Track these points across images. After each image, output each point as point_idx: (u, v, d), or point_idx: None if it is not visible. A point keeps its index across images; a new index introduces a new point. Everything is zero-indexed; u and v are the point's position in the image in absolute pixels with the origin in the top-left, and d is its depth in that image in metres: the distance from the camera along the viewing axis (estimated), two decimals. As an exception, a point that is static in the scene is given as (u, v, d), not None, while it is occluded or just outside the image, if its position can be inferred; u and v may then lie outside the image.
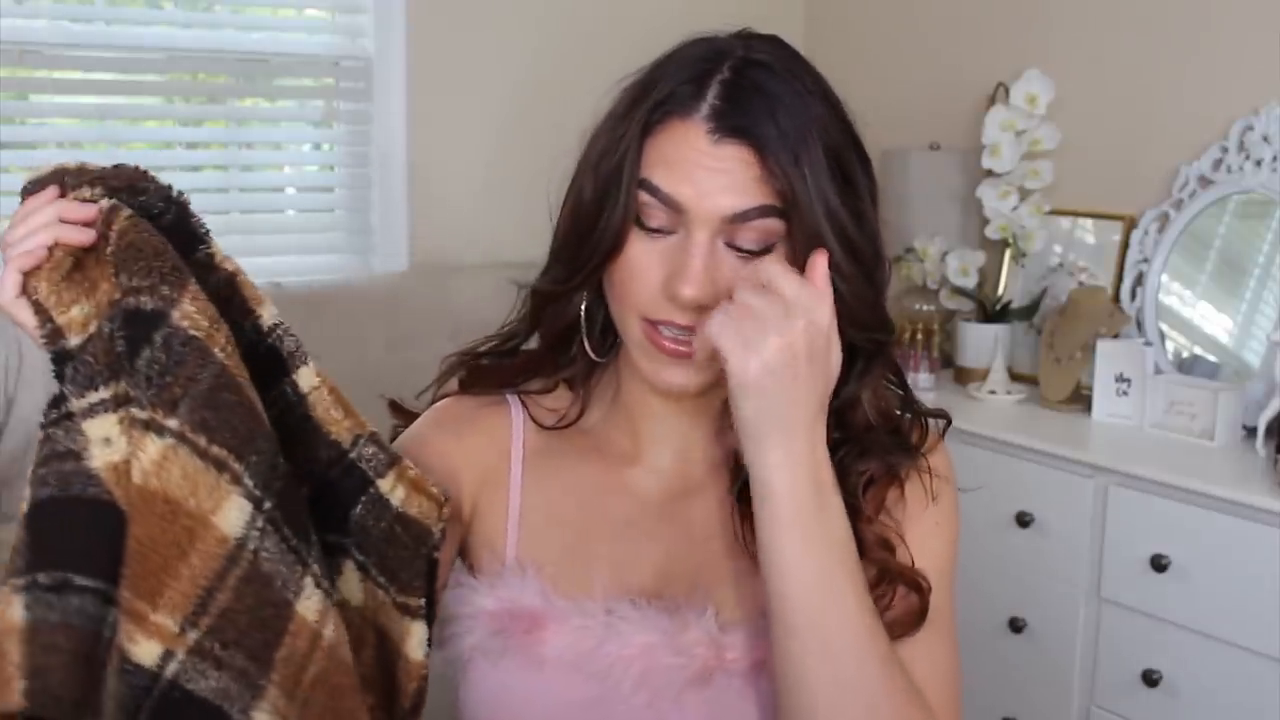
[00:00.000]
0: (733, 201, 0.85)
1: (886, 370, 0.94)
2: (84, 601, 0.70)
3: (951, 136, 2.68)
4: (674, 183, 0.86)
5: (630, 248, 0.88)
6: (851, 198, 0.88)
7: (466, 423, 1.01)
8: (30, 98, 2.41)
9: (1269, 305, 2.20)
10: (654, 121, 0.87)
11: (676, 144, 0.86)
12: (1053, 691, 2.12)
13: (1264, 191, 2.18)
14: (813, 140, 0.86)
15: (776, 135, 0.85)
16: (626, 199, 0.87)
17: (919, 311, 2.66)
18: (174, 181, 0.81)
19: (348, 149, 2.68)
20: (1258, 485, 1.87)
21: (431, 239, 2.69)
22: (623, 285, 0.89)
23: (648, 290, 0.88)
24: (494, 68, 2.73)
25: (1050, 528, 2.11)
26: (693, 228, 0.86)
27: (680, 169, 0.86)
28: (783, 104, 0.86)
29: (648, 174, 0.87)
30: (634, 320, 0.90)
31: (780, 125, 0.85)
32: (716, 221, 0.85)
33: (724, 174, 0.85)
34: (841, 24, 3.03)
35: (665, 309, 0.87)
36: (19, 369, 2.15)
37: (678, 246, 0.87)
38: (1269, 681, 1.82)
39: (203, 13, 2.52)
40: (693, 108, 0.86)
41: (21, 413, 2.17)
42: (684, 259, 0.85)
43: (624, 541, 0.97)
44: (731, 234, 0.86)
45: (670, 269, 0.86)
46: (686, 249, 0.86)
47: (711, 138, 0.85)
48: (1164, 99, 2.37)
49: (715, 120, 0.86)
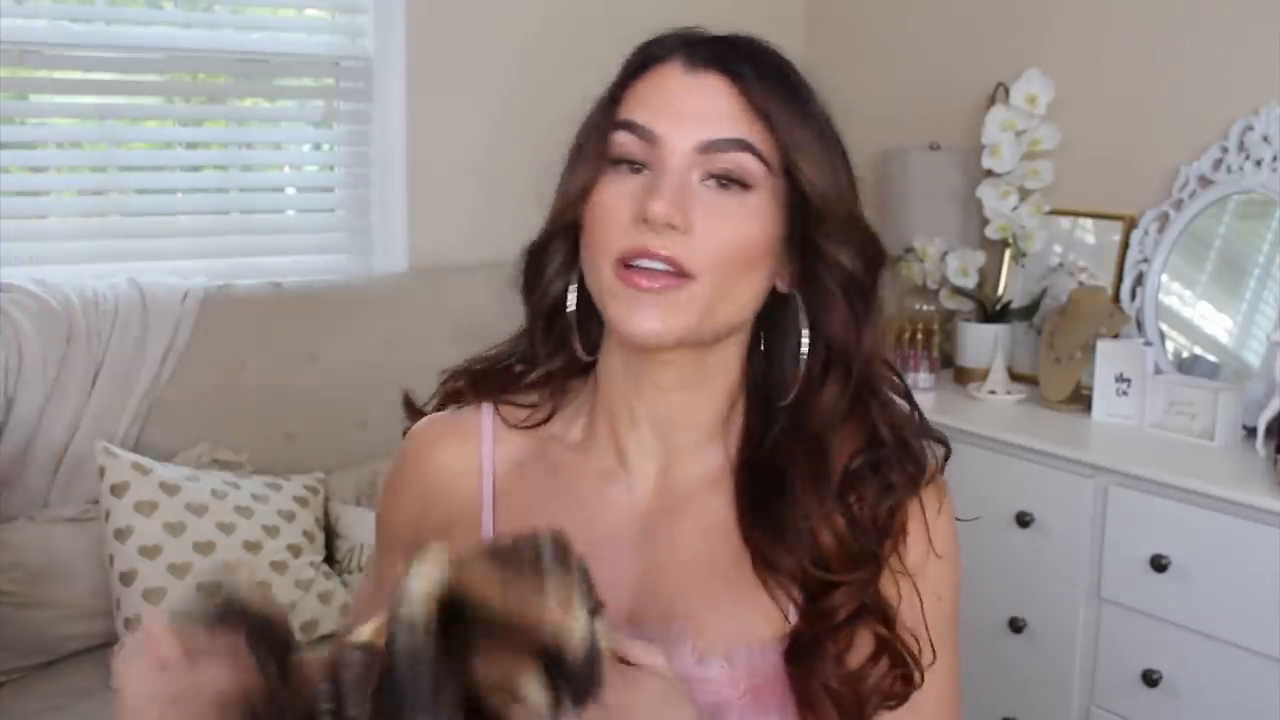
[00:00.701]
0: (707, 131, 0.85)
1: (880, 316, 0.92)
2: None
3: (951, 136, 2.68)
4: (649, 116, 0.86)
5: (602, 189, 0.87)
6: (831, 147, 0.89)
7: (429, 463, 0.99)
8: (30, 98, 2.40)
9: (1269, 305, 2.20)
10: (637, 68, 0.89)
11: (652, 83, 0.88)
12: (1053, 691, 2.12)
13: (1264, 191, 2.18)
14: (790, 83, 0.88)
15: (754, 73, 0.87)
16: (598, 144, 0.88)
17: (919, 311, 2.66)
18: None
19: (348, 149, 2.68)
20: (1258, 485, 1.87)
21: (431, 239, 2.69)
22: (594, 227, 0.88)
23: (619, 224, 0.86)
24: (494, 68, 2.73)
25: (1050, 528, 2.11)
26: (667, 157, 0.85)
27: (656, 102, 0.87)
28: (757, 54, 0.89)
29: (626, 114, 0.88)
30: (606, 267, 0.86)
31: (758, 67, 0.87)
32: (690, 150, 0.85)
33: (698, 103, 0.86)
34: (841, 24, 3.03)
35: (635, 236, 0.85)
36: (19, 369, 2.16)
37: (651, 179, 0.86)
38: (1269, 681, 1.82)
39: (203, 13, 2.52)
40: (672, 52, 0.89)
41: (21, 413, 2.18)
42: (656, 184, 0.85)
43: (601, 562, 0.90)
44: (709, 166, 0.86)
45: (640, 200, 0.85)
46: (659, 177, 0.85)
47: (687, 69, 0.87)
48: (1164, 99, 2.37)
49: (690, 55, 0.88)
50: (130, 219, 2.47)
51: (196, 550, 2.03)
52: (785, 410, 0.92)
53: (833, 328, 0.90)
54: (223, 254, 2.52)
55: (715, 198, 0.85)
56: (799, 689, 0.87)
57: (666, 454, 0.94)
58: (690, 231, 0.84)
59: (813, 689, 0.87)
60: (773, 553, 0.89)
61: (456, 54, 2.69)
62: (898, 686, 0.90)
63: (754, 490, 0.92)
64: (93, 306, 2.22)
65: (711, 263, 0.85)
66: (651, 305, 0.85)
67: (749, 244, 0.86)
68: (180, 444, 2.24)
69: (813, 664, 0.87)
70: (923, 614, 0.91)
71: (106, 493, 2.04)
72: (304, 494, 2.21)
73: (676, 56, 0.88)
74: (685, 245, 0.84)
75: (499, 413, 0.98)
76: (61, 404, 2.16)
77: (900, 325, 2.54)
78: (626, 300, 0.85)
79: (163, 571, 2.00)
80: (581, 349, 0.95)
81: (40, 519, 2.11)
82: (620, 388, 0.93)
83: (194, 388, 2.28)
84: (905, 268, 2.61)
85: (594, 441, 0.96)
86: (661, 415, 0.93)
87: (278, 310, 2.41)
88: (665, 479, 0.94)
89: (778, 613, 0.89)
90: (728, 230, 0.85)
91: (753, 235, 0.86)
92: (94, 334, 2.20)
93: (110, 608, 2.02)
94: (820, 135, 0.88)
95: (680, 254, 0.84)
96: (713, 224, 0.84)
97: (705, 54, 0.87)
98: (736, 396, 0.94)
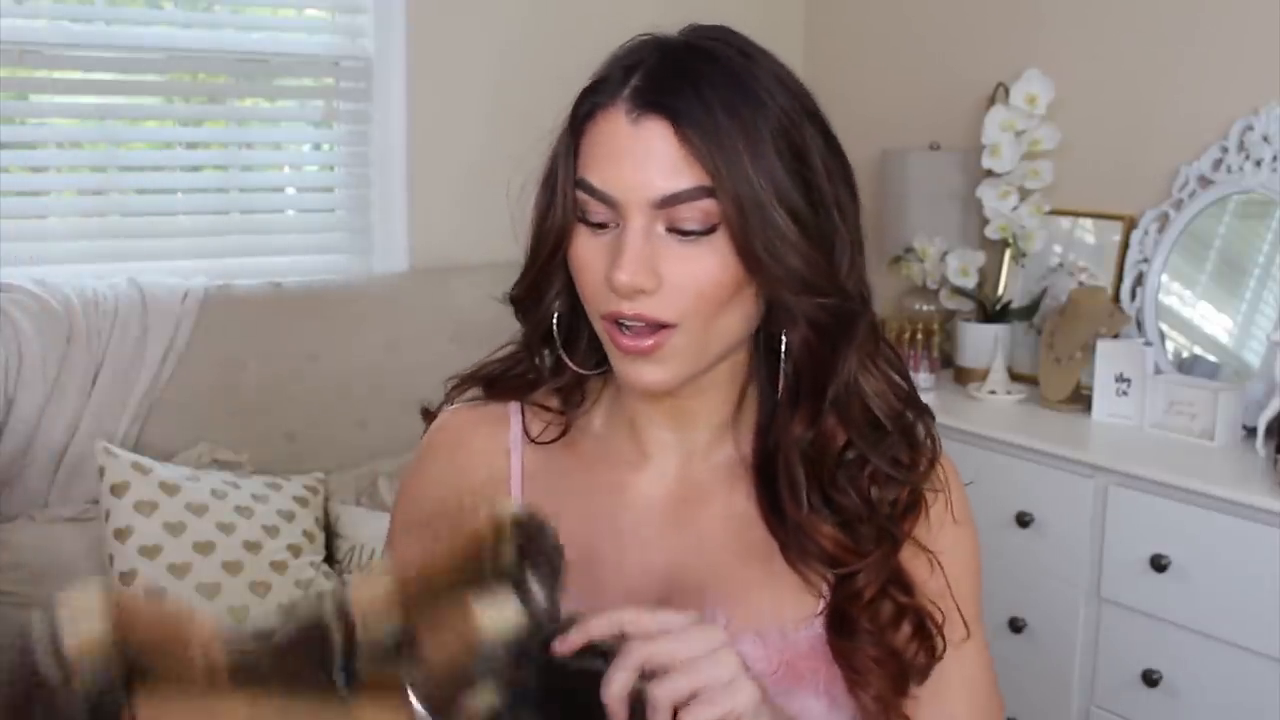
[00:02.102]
0: (661, 184, 0.83)
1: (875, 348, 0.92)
2: None
3: (951, 136, 2.68)
4: (603, 176, 0.84)
5: (577, 246, 0.87)
6: (797, 160, 0.85)
7: (460, 444, 1.00)
8: (30, 98, 2.40)
9: (1269, 305, 2.19)
10: (583, 115, 0.87)
11: (602, 135, 0.85)
12: (1053, 691, 2.12)
13: (1264, 191, 2.18)
14: (746, 111, 0.83)
15: (699, 108, 0.82)
16: (565, 200, 0.87)
17: (919, 311, 2.66)
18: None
19: (348, 149, 2.68)
20: (1258, 485, 1.87)
21: (431, 239, 2.69)
22: (579, 285, 0.88)
23: (594, 285, 0.86)
24: (494, 68, 2.73)
25: (1050, 528, 2.11)
26: (627, 216, 0.84)
27: (606, 160, 0.85)
28: (708, 80, 0.84)
29: (583, 173, 0.86)
30: (597, 320, 0.88)
31: (704, 98, 0.83)
32: (647, 207, 0.83)
33: (646, 155, 0.83)
34: (841, 24, 3.03)
35: (610, 300, 0.85)
36: (19, 369, 2.16)
37: (616, 238, 0.85)
38: (1269, 681, 1.82)
39: (203, 13, 2.52)
40: (616, 94, 0.85)
41: (21, 413, 2.18)
42: (619, 247, 0.84)
43: (630, 550, 0.95)
44: (670, 219, 0.84)
45: (607, 262, 0.85)
46: (621, 237, 0.84)
47: (630, 118, 0.84)
48: (1164, 99, 2.37)
49: (633, 100, 0.84)
50: (130, 219, 2.47)
51: (196, 550, 2.03)
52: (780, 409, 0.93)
53: (797, 351, 0.90)
54: (223, 254, 2.52)
55: (681, 247, 0.84)
56: (844, 660, 0.90)
57: (686, 449, 0.96)
58: (660, 287, 0.84)
59: (859, 659, 0.89)
60: (796, 544, 0.91)
61: (456, 54, 2.69)
62: (921, 657, 0.91)
63: (766, 486, 0.93)
64: (93, 306, 2.22)
65: (687, 311, 0.84)
66: (644, 362, 0.86)
67: (720, 284, 0.85)
68: (180, 444, 2.24)
69: (854, 635, 0.90)
70: (947, 585, 0.93)
71: (106, 493, 2.04)
72: (304, 494, 2.21)
73: (618, 103, 0.85)
74: (657, 302, 0.84)
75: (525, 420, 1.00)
76: (61, 404, 2.16)
77: (900, 325, 2.54)
78: (621, 358, 0.88)
79: (163, 571, 1.99)
80: (583, 365, 0.96)
81: (40, 519, 2.11)
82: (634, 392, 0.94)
83: (194, 388, 2.28)
84: (905, 268, 2.61)
85: (616, 434, 0.98)
86: (677, 416, 0.95)
87: (278, 310, 2.41)
88: (685, 471, 0.96)
89: (809, 590, 0.92)
90: (698, 276, 0.84)
91: (724, 274, 0.85)
92: (94, 334, 2.20)
93: (110, 607, 2.02)
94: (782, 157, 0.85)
95: (654, 311, 0.84)
96: (682, 273, 0.84)
97: (646, 97, 0.84)
98: (747, 390, 0.96)
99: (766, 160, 0.83)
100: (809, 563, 0.91)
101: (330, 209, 2.72)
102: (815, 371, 0.90)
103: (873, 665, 0.89)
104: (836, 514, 0.90)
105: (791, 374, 0.91)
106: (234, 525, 2.07)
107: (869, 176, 2.79)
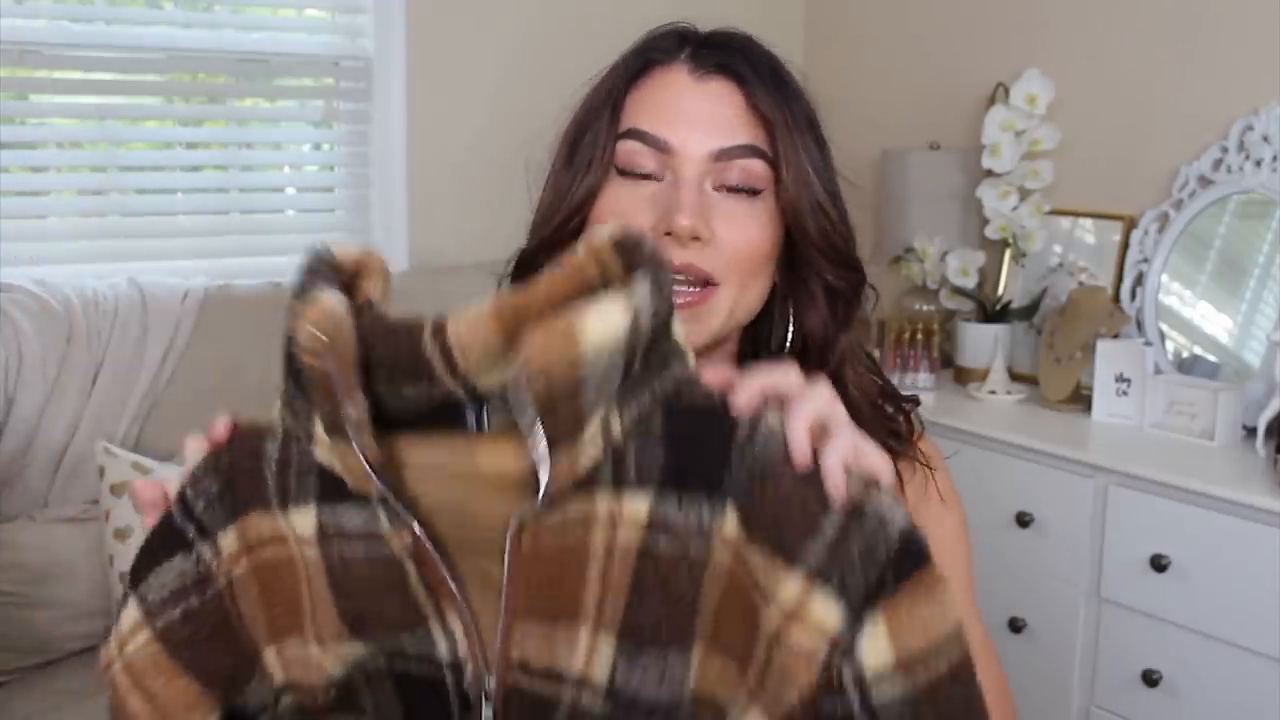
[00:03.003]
0: (720, 139, 0.87)
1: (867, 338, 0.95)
2: None
3: (951, 136, 2.68)
4: (661, 125, 0.87)
5: (612, 194, 0.88)
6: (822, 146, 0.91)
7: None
8: (30, 98, 2.40)
9: (1269, 305, 2.20)
10: (637, 71, 0.90)
11: (661, 88, 0.89)
12: (1053, 691, 2.12)
13: (1264, 191, 2.18)
14: (790, 93, 0.89)
15: (754, 74, 0.88)
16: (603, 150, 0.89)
17: (919, 311, 2.66)
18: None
19: (348, 149, 2.68)
20: (1258, 485, 1.87)
21: (431, 239, 2.69)
22: None
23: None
24: (494, 68, 2.73)
25: (1050, 528, 2.11)
26: (682, 167, 0.87)
27: (667, 110, 0.88)
28: (758, 59, 0.90)
29: (634, 122, 0.88)
30: None
31: (759, 71, 0.89)
32: (704, 159, 0.87)
33: (709, 110, 0.87)
34: (842, 24, 3.03)
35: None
36: (19, 369, 2.16)
37: (667, 189, 0.87)
38: (1269, 681, 1.82)
39: (203, 13, 2.52)
40: (674, 55, 0.90)
41: (21, 412, 2.18)
42: (676, 195, 0.86)
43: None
44: (720, 175, 0.87)
45: (661, 210, 0.86)
46: (677, 186, 0.86)
47: (694, 75, 0.88)
48: (1164, 99, 2.37)
49: (696, 60, 0.89)
50: (130, 219, 2.47)
51: (196, 550, 2.03)
52: None
53: (812, 326, 0.93)
54: (223, 254, 2.52)
55: (729, 204, 0.87)
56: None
57: None
58: (712, 239, 0.86)
59: None
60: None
61: (456, 54, 2.69)
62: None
63: None
64: (93, 306, 2.22)
65: (731, 268, 0.87)
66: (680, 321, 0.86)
67: (761, 247, 0.88)
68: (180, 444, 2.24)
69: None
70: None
71: (106, 493, 2.04)
72: (304, 494, 2.21)
73: (680, 61, 0.89)
74: (707, 254, 0.86)
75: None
76: (61, 404, 2.16)
77: (900, 325, 2.54)
78: None
79: (163, 571, 1.99)
80: None
81: (40, 519, 2.11)
82: None
83: (194, 388, 2.28)
84: (905, 268, 2.61)
85: None
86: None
87: (278, 310, 2.36)
88: None
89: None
90: (744, 235, 0.87)
91: (764, 238, 0.88)
92: (94, 334, 2.20)
93: (110, 608, 2.02)
94: (814, 141, 0.90)
95: (703, 263, 0.86)
96: (730, 230, 0.86)
97: (711, 58, 0.89)
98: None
99: (805, 137, 0.89)
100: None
101: (330, 209, 2.72)
102: (821, 346, 0.92)
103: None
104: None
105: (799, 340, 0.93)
106: (234, 525, 2.07)
107: (869, 176, 2.78)
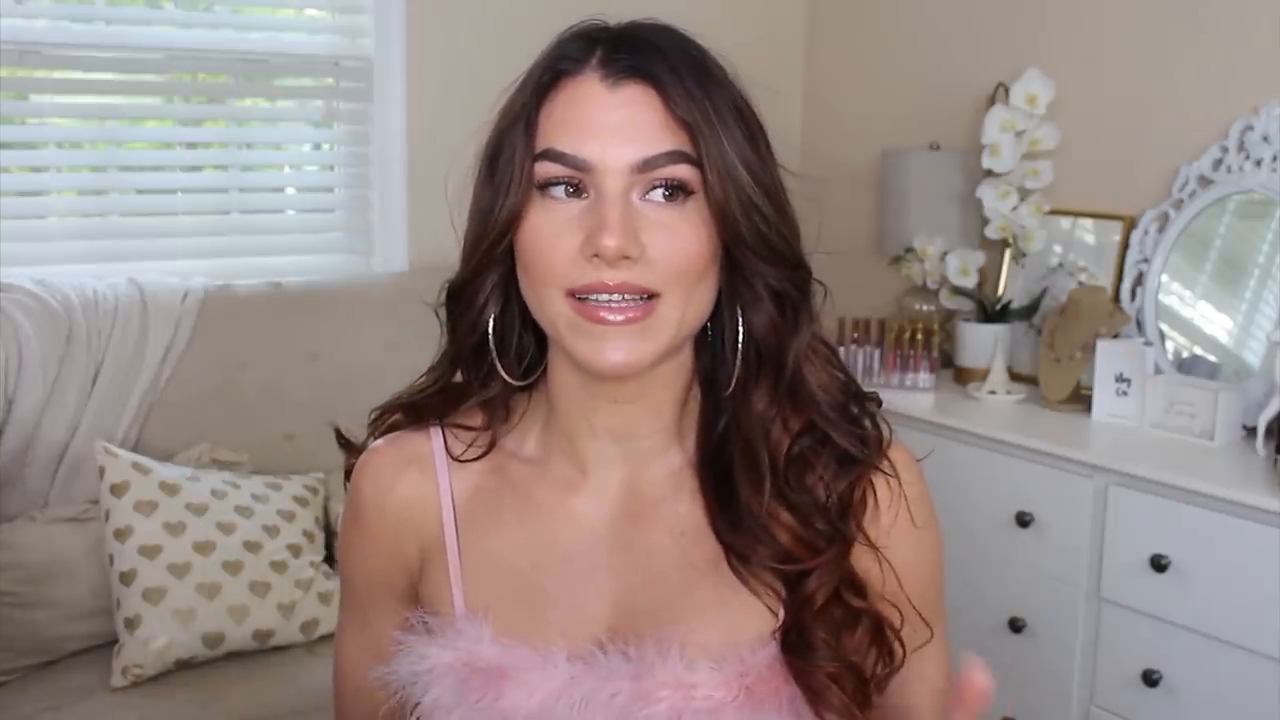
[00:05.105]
0: (640, 149, 0.82)
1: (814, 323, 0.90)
2: None
3: (951, 136, 2.68)
4: (576, 142, 0.83)
5: (535, 218, 0.84)
6: (753, 137, 0.86)
7: (389, 487, 0.97)
8: (30, 98, 2.40)
9: (1269, 305, 2.19)
10: (544, 85, 0.85)
11: (573, 102, 0.84)
12: (1053, 691, 2.12)
13: (1264, 191, 2.18)
14: (712, 86, 0.84)
15: (674, 77, 0.83)
16: (520, 174, 0.84)
17: (919, 311, 2.66)
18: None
19: (348, 149, 2.68)
20: (1258, 485, 1.87)
21: (431, 239, 2.69)
22: (536, 259, 0.84)
23: (566, 257, 0.82)
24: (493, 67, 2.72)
25: (1050, 528, 2.11)
26: (603, 182, 0.82)
27: (581, 125, 0.83)
28: (675, 53, 0.84)
29: (549, 143, 0.84)
30: (558, 299, 0.83)
31: (675, 69, 0.83)
32: (626, 171, 0.82)
33: (626, 119, 0.82)
34: (842, 24, 3.03)
35: (588, 271, 0.82)
36: (19, 369, 2.16)
37: (591, 207, 0.82)
38: (1269, 681, 1.82)
39: (203, 13, 2.52)
40: (584, 62, 0.84)
41: (21, 413, 2.18)
42: (601, 214, 0.81)
43: (576, 576, 0.91)
44: (646, 185, 0.83)
45: (587, 230, 0.82)
46: (601, 204, 0.82)
47: (607, 83, 0.83)
48: (1164, 99, 2.37)
49: (607, 66, 0.84)
50: (130, 219, 2.47)
51: (196, 550, 2.03)
52: (730, 400, 0.91)
53: (762, 328, 0.89)
54: (223, 254, 2.52)
55: (658, 214, 0.83)
56: (802, 680, 0.87)
57: (628, 460, 0.92)
58: (644, 254, 0.82)
59: (815, 678, 0.87)
60: (743, 548, 0.88)
61: (456, 54, 2.69)
62: (880, 666, 0.89)
63: (715, 487, 0.90)
64: (93, 306, 2.22)
65: (670, 279, 0.83)
66: (619, 338, 0.83)
67: (699, 253, 0.84)
68: (180, 444, 2.24)
69: (809, 654, 0.87)
70: (900, 585, 0.91)
71: (106, 493, 2.04)
72: (304, 494, 2.21)
73: (591, 68, 0.84)
74: (641, 269, 0.82)
75: (446, 436, 0.96)
76: (61, 404, 2.16)
77: (900, 325, 2.54)
78: (590, 334, 0.83)
79: (163, 571, 1.99)
80: (512, 375, 0.93)
81: (40, 519, 2.11)
82: (576, 404, 0.91)
83: (194, 388, 2.28)
84: (905, 268, 2.61)
85: (552, 454, 0.94)
86: (620, 425, 0.91)
87: (278, 310, 2.40)
88: (630, 484, 0.93)
89: (763, 608, 0.89)
90: (678, 244, 0.83)
91: (699, 244, 0.84)
92: (94, 334, 2.20)
93: (110, 607, 2.02)
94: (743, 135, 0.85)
95: (639, 279, 0.82)
96: (663, 241, 0.82)
97: (623, 61, 0.83)
98: (691, 391, 0.93)
99: (733, 132, 0.84)
100: (760, 569, 0.88)
101: (330, 209, 2.72)
102: (774, 349, 0.88)
103: (829, 683, 0.86)
104: (790, 511, 0.88)
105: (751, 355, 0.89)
106: (234, 525, 2.08)
107: (869, 176, 2.79)
